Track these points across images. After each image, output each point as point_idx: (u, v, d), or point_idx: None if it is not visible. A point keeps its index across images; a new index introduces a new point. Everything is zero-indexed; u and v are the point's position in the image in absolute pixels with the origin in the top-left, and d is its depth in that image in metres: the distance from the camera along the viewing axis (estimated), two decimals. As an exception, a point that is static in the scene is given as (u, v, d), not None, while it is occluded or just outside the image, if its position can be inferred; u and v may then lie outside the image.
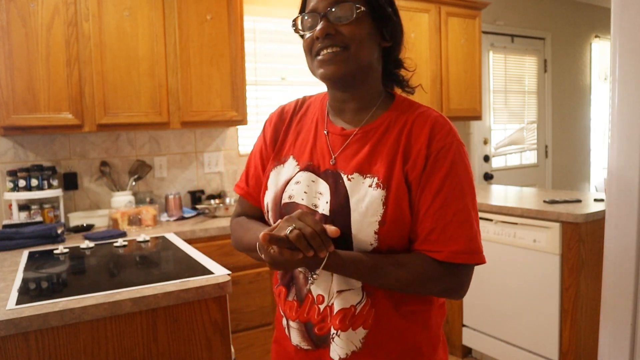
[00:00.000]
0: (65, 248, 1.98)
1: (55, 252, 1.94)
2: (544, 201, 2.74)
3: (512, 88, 4.48)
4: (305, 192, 0.99)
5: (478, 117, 3.77)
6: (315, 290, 0.99)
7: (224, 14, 2.63)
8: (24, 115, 2.21)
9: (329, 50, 0.93)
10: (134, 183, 2.72)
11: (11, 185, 2.35)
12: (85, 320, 1.26)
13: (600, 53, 5.20)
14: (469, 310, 2.99)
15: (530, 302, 2.60)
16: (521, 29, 4.46)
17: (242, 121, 2.75)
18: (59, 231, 2.14)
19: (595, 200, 2.69)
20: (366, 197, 0.93)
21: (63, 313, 1.23)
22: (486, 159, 4.32)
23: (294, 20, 1.00)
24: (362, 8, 0.94)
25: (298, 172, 1.02)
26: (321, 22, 0.93)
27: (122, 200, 2.57)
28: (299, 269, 1.00)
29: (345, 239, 0.93)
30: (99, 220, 2.53)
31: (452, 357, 3.11)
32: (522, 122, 4.59)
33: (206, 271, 1.54)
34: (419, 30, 3.39)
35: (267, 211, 1.05)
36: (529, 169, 4.69)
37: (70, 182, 2.59)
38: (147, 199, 2.76)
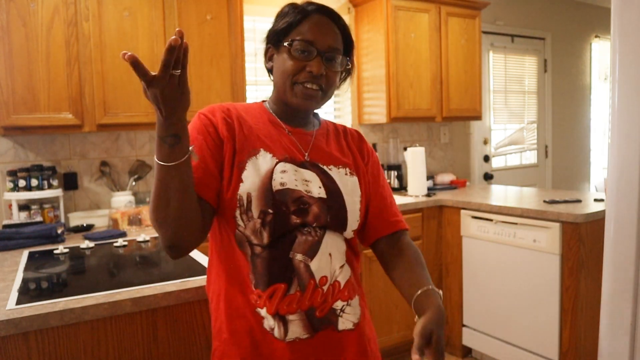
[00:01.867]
0: (65, 248, 1.98)
1: (55, 252, 1.94)
2: (544, 201, 2.74)
3: (512, 88, 4.48)
4: (295, 180, 1.07)
5: (478, 117, 3.78)
6: (318, 273, 1.06)
7: (224, 14, 2.63)
8: (24, 115, 2.21)
9: (314, 87, 1.07)
10: (134, 183, 2.72)
11: (11, 185, 2.35)
12: (85, 320, 1.26)
13: (600, 53, 5.20)
14: (469, 310, 2.99)
15: (530, 302, 2.60)
16: (521, 29, 4.46)
17: (242, 121, 2.75)
18: (59, 231, 2.14)
19: (595, 200, 2.69)
20: (348, 182, 1.13)
21: (63, 313, 1.23)
22: (486, 159, 4.32)
23: (282, 39, 1.09)
24: (349, 65, 1.14)
25: (278, 162, 1.07)
26: (317, 59, 1.07)
27: (122, 200, 2.57)
28: (299, 259, 1.04)
29: (342, 218, 1.10)
30: (99, 220, 2.53)
31: (452, 357, 3.11)
32: (522, 122, 4.60)
33: (206, 271, 1.54)
34: (419, 30, 3.39)
35: (248, 201, 1.03)
36: (529, 169, 4.69)
37: (70, 182, 2.59)
38: (147, 199, 2.76)
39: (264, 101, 1.22)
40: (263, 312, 1.05)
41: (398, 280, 1.15)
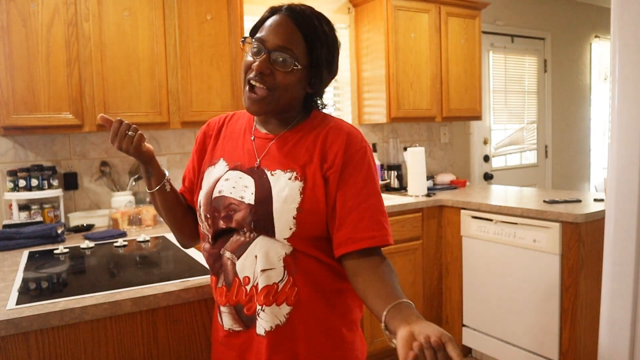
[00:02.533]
0: (65, 248, 1.98)
1: (55, 252, 1.94)
2: (544, 201, 2.74)
3: (512, 88, 4.48)
4: (233, 187, 1.13)
5: (478, 117, 3.78)
6: (242, 272, 1.10)
7: (224, 14, 2.63)
8: (24, 115, 2.21)
9: (258, 85, 1.06)
10: (134, 183, 2.72)
11: (11, 185, 2.35)
12: (85, 320, 1.26)
13: (600, 53, 5.20)
14: (469, 310, 2.99)
15: (530, 302, 2.60)
16: (521, 29, 4.46)
17: (242, 121, 2.75)
18: (59, 231, 2.14)
19: (595, 200, 2.70)
20: (286, 188, 1.08)
21: (63, 313, 1.23)
22: (486, 159, 4.32)
23: (245, 38, 1.14)
24: (299, 66, 1.07)
25: (227, 171, 1.17)
26: (263, 57, 1.06)
27: (122, 200, 2.57)
28: (227, 256, 1.13)
29: (268, 224, 1.07)
30: (99, 220, 2.53)
31: (452, 357, 3.11)
32: (522, 122, 4.60)
33: (206, 271, 1.54)
34: (419, 30, 3.39)
35: (200, 207, 1.19)
36: (529, 169, 4.69)
37: (70, 182, 2.59)
38: (147, 199, 2.76)
39: None
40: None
41: (366, 300, 1.00)
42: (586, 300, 2.43)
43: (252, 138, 1.18)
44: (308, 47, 1.09)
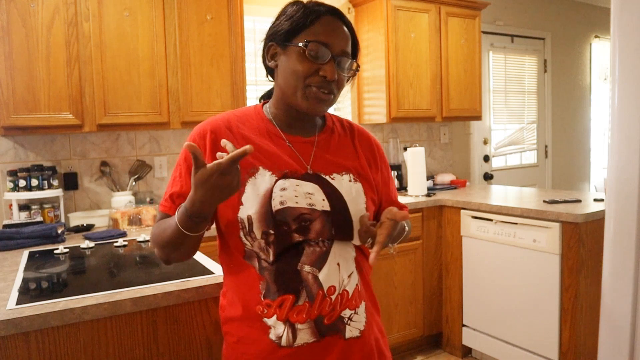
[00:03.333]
0: (65, 248, 1.98)
1: (55, 252, 1.94)
2: (544, 201, 2.74)
3: (512, 88, 4.48)
4: (296, 196, 1.05)
5: (478, 117, 3.78)
6: (326, 283, 1.06)
7: (224, 14, 2.63)
8: (24, 115, 2.21)
9: (326, 92, 1.05)
10: (134, 183, 2.72)
11: (11, 185, 2.35)
12: (86, 320, 1.26)
13: (600, 53, 5.20)
14: (469, 310, 2.99)
15: (530, 302, 2.60)
16: (521, 29, 4.46)
17: (242, 121, 2.75)
18: (59, 231, 2.14)
19: (595, 200, 2.69)
20: (352, 190, 1.10)
21: (63, 313, 1.23)
22: (486, 159, 4.32)
23: (292, 35, 1.06)
24: (359, 69, 1.12)
25: (277, 180, 1.05)
26: (330, 63, 1.04)
27: (122, 200, 2.57)
28: (307, 271, 1.04)
29: (348, 228, 1.08)
30: (99, 220, 2.53)
31: (452, 357, 3.11)
32: (522, 122, 4.60)
33: (206, 271, 1.54)
34: (419, 30, 3.39)
35: (249, 224, 1.04)
36: (529, 169, 4.69)
37: (70, 182, 2.59)
38: (147, 199, 2.76)
39: (264, 103, 1.19)
40: (271, 321, 1.05)
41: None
42: (586, 300, 2.43)
43: (288, 143, 1.11)
44: (353, 49, 1.11)
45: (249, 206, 1.04)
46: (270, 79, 1.18)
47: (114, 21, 2.37)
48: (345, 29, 1.08)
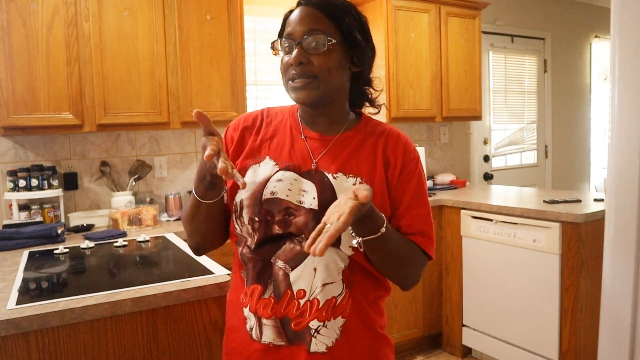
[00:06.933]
0: (65, 248, 1.98)
1: (55, 252, 1.94)
2: (544, 201, 2.74)
3: (512, 88, 4.48)
4: (289, 189, 1.05)
5: (478, 117, 3.78)
6: (296, 285, 1.03)
7: (224, 14, 2.63)
8: (24, 116, 2.21)
9: (300, 80, 1.02)
10: (134, 183, 2.72)
11: (11, 185, 2.35)
12: (86, 320, 1.26)
13: (600, 53, 5.20)
14: (469, 310, 2.99)
15: (530, 302, 2.60)
16: (521, 29, 4.46)
17: (242, 121, 2.75)
18: (59, 231, 2.14)
19: (595, 200, 2.69)
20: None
21: (63, 313, 1.23)
22: (486, 159, 4.32)
23: (273, 43, 1.08)
24: (333, 40, 1.03)
25: (278, 171, 1.07)
26: (296, 49, 1.02)
27: (122, 200, 2.57)
28: (279, 266, 1.04)
29: None
30: (99, 220, 2.53)
31: (452, 357, 3.11)
32: (522, 122, 4.60)
33: (206, 271, 1.54)
34: (419, 30, 3.39)
35: (241, 208, 1.07)
36: (529, 169, 4.69)
37: (70, 182, 2.59)
38: (147, 199, 2.76)
39: None
40: (246, 311, 1.08)
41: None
42: (586, 300, 2.43)
43: (303, 137, 1.09)
44: (335, 22, 1.04)
45: (244, 191, 1.06)
46: None
47: (113, 21, 2.37)
48: (317, 10, 1.04)
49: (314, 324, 1.02)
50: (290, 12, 1.08)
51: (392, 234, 1.01)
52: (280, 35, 1.08)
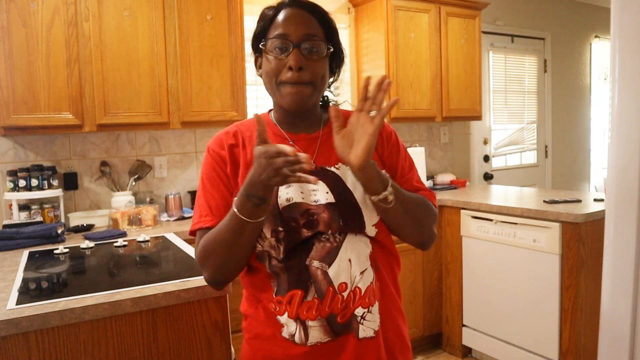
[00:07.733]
0: (65, 248, 1.98)
1: (55, 252, 1.94)
2: (544, 201, 2.74)
3: (512, 88, 4.48)
4: (301, 192, 1.05)
5: (478, 117, 3.78)
6: (337, 280, 1.04)
7: (224, 14, 2.63)
8: (24, 115, 2.21)
9: (298, 85, 1.02)
10: (134, 183, 2.72)
11: (11, 185, 2.35)
12: (86, 320, 1.26)
13: (600, 53, 5.20)
14: (469, 310, 2.99)
15: (530, 302, 2.60)
16: (521, 29, 4.46)
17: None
18: (59, 231, 2.14)
19: (595, 200, 2.69)
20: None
21: (63, 313, 1.23)
22: (486, 159, 4.32)
23: (263, 41, 1.06)
24: (331, 49, 1.06)
25: None
26: (293, 52, 1.02)
27: (122, 200, 2.57)
28: (316, 266, 1.03)
29: (357, 216, 1.05)
30: (99, 220, 2.53)
31: (452, 357, 3.11)
32: (522, 122, 4.60)
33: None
34: (419, 30, 3.39)
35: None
36: (529, 169, 4.69)
37: (70, 182, 2.59)
38: (147, 199, 2.76)
39: (270, 110, 1.20)
40: (283, 319, 1.06)
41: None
42: (586, 300, 2.43)
43: (291, 142, 1.10)
44: (325, 29, 1.06)
45: None
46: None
47: (113, 21, 2.37)
48: (309, 14, 1.05)
49: (359, 311, 1.05)
50: (273, 10, 1.08)
51: (399, 188, 1.05)
52: (264, 33, 1.07)
